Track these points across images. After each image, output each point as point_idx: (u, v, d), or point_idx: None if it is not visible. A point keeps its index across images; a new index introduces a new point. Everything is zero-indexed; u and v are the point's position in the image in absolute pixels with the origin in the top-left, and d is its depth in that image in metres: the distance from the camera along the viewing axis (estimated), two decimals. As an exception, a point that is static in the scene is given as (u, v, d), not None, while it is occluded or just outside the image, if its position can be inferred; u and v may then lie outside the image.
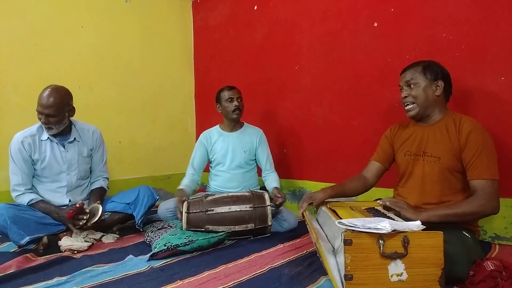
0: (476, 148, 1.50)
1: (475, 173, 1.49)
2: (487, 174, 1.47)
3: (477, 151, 1.49)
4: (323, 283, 1.46)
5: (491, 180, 1.46)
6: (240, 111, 2.51)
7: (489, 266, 1.34)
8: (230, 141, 2.52)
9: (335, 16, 2.52)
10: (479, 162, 1.48)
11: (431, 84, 1.63)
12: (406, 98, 1.68)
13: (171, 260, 1.77)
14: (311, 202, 1.73)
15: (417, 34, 2.10)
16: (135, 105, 3.38)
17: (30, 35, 2.76)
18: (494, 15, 1.83)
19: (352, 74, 2.44)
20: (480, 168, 1.48)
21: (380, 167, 1.88)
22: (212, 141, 2.56)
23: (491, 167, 1.48)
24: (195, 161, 2.57)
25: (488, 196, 1.44)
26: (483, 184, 1.46)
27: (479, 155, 1.49)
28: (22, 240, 1.88)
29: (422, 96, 1.63)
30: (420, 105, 1.64)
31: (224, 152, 2.51)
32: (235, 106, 2.47)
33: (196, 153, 2.58)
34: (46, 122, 2.07)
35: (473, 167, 1.50)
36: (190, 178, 2.50)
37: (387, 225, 1.19)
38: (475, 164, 1.49)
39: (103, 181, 2.39)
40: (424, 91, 1.63)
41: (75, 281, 1.53)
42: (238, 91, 2.53)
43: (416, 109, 1.66)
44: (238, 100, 2.49)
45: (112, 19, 3.22)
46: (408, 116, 1.71)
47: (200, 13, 3.76)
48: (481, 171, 1.47)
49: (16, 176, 2.10)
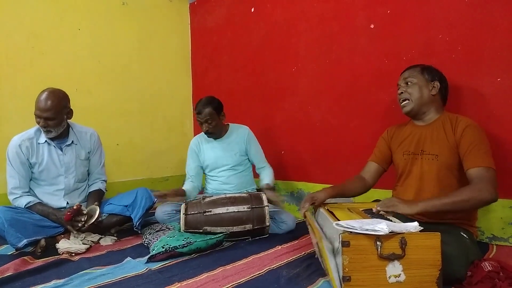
0: (471, 140, 1.52)
1: (471, 163, 1.50)
2: (482, 163, 1.47)
3: (472, 143, 1.51)
4: (321, 284, 1.46)
5: (487, 167, 1.46)
6: (213, 133, 2.46)
7: (486, 266, 1.35)
8: (219, 148, 2.53)
9: (332, 18, 2.53)
10: (474, 152, 1.50)
11: (427, 84, 1.68)
12: (402, 94, 1.72)
13: (169, 262, 1.77)
14: (313, 202, 1.73)
15: (414, 36, 2.11)
16: (132, 107, 3.38)
17: (28, 38, 2.76)
18: (490, 17, 1.84)
19: (349, 76, 2.45)
20: (475, 157, 1.49)
21: (378, 168, 1.89)
22: (202, 148, 2.58)
23: (487, 156, 1.49)
24: (190, 169, 2.59)
25: (485, 182, 1.43)
26: (479, 171, 1.46)
27: (474, 146, 1.51)
28: (20, 242, 1.87)
29: (417, 93, 1.68)
30: (414, 102, 1.68)
31: (215, 159, 2.52)
32: (206, 130, 2.42)
33: (190, 161, 2.60)
34: (45, 126, 2.06)
35: (469, 157, 1.51)
36: (190, 185, 2.51)
37: (385, 227, 1.20)
38: (471, 154, 1.51)
39: (101, 184, 2.39)
40: (420, 88, 1.68)
41: (73, 284, 1.53)
42: (207, 112, 2.36)
43: (410, 104, 1.69)
44: (209, 122, 2.39)
45: (109, 21, 3.22)
46: (403, 112, 1.74)
47: (197, 16, 3.77)
48: (477, 160, 1.49)
49: (14, 179, 2.10)
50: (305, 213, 1.69)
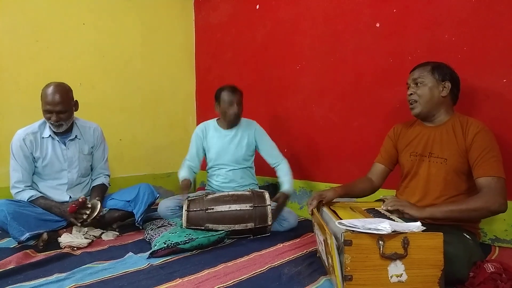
0: (483, 147, 1.49)
1: (481, 171, 1.48)
2: (493, 172, 1.45)
3: (484, 151, 1.49)
4: (323, 282, 1.47)
5: (497, 177, 1.44)
6: (238, 117, 2.45)
7: (489, 268, 1.35)
8: (227, 139, 2.49)
9: (337, 17, 2.51)
10: (485, 161, 1.47)
11: (438, 85, 1.62)
12: (411, 95, 1.67)
13: (171, 258, 1.78)
14: (321, 200, 1.71)
15: (419, 35, 2.10)
16: (136, 103, 3.39)
17: (31, 32, 2.77)
18: (497, 17, 1.82)
19: (353, 74, 2.44)
20: (486, 166, 1.47)
21: (385, 169, 1.87)
22: (209, 135, 2.52)
23: (498, 166, 1.47)
24: (190, 153, 2.53)
25: (494, 193, 1.42)
26: (489, 181, 1.45)
27: (485, 154, 1.48)
28: (22, 236, 1.88)
29: (427, 95, 1.62)
30: (423, 104, 1.63)
31: (221, 149, 2.47)
32: (233, 112, 2.39)
33: (192, 146, 2.54)
34: (57, 120, 2.06)
35: (479, 165, 1.48)
36: (188, 168, 2.46)
37: (387, 226, 1.19)
38: (482, 163, 1.48)
39: (104, 178, 2.40)
40: (430, 90, 1.62)
41: (74, 278, 1.54)
42: (239, 94, 2.42)
43: (419, 107, 1.65)
44: (238, 105, 2.40)
45: (113, 16, 3.22)
46: (412, 114, 1.70)
47: (202, 12, 3.76)
48: (487, 169, 1.46)
49: (17, 173, 2.10)
50: (313, 210, 1.68)
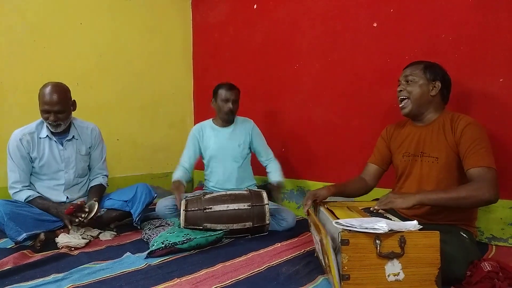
0: (472, 139, 1.49)
1: (471, 162, 1.47)
2: (484, 162, 1.45)
3: (474, 142, 1.48)
4: (320, 282, 1.47)
5: (488, 168, 1.44)
6: (232, 114, 2.48)
7: (486, 267, 1.35)
8: (223, 136, 2.50)
9: (335, 16, 2.52)
10: (475, 152, 1.47)
11: (428, 83, 1.64)
12: (401, 92, 1.69)
13: (168, 258, 1.78)
14: (315, 199, 1.72)
15: (417, 35, 2.10)
16: (133, 103, 3.38)
17: (29, 32, 2.76)
18: (494, 17, 1.83)
19: (351, 74, 2.44)
20: (476, 157, 1.46)
21: (378, 169, 1.88)
22: (205, 135, 2.54)
23: (488, 156, 1.46)
24: (186, 153, 2.54)
25: (485, 181, 1.41)
26: (480, 171, 1.44)
27: (475, 145, 1.48)
28: (19, 236, 1.87)
29: (417, 93, 1.64)
30: (413, 101, 1.65)
31: (218, 147, 2.48)
32: (228, 109, 2.43)
33: (188, 147, 2.55)
34: (55, 120, 2.06)
35: (470, 156, 1.48)
36: (182, 170, 2.47)
37: (384, 225, 1.20)
38: (472, 154, 1.48)
39: (102, 179, 2.39)
40: (420, 88, 1.64)
41: (72, 278, 1.53)
42: (236, 92, 2.45)
43: (409, 106, 1.66)
44: (233, 103, 2.44)
45: (111, 16, 3.21)
46: (402, 114, 1.71)
47: (199, 12, 3.76)
48: (478, 160, 1.46)
49: (14, 173, 2.10)
50: (309, 210, 1.68)
